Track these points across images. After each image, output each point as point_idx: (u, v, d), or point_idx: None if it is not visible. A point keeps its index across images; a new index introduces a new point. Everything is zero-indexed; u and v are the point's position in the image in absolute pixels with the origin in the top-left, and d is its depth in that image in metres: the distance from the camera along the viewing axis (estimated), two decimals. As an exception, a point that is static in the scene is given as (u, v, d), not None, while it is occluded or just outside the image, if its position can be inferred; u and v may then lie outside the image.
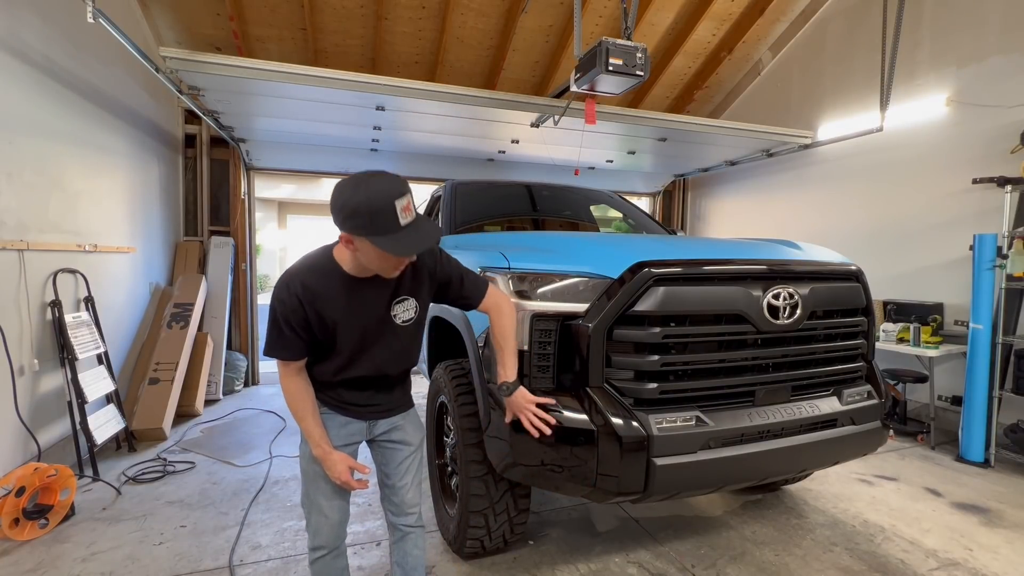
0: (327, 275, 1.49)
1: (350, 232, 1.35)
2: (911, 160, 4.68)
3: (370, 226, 1.31)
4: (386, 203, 1.30)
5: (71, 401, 3.24)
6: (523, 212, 3.78)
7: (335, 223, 1.38)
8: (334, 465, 1.56)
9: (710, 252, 2.16)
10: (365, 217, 1.31)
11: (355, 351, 1.56)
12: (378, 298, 1.54)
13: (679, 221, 7.76)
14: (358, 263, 1.46)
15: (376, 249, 1.34)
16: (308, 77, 3.62)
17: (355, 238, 1.36)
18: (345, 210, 1.33)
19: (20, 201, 3.03)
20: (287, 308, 1.45)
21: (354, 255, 1.44)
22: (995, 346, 3.66)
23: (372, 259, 1.40)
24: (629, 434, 1.79)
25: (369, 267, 1.44)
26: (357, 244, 1.38)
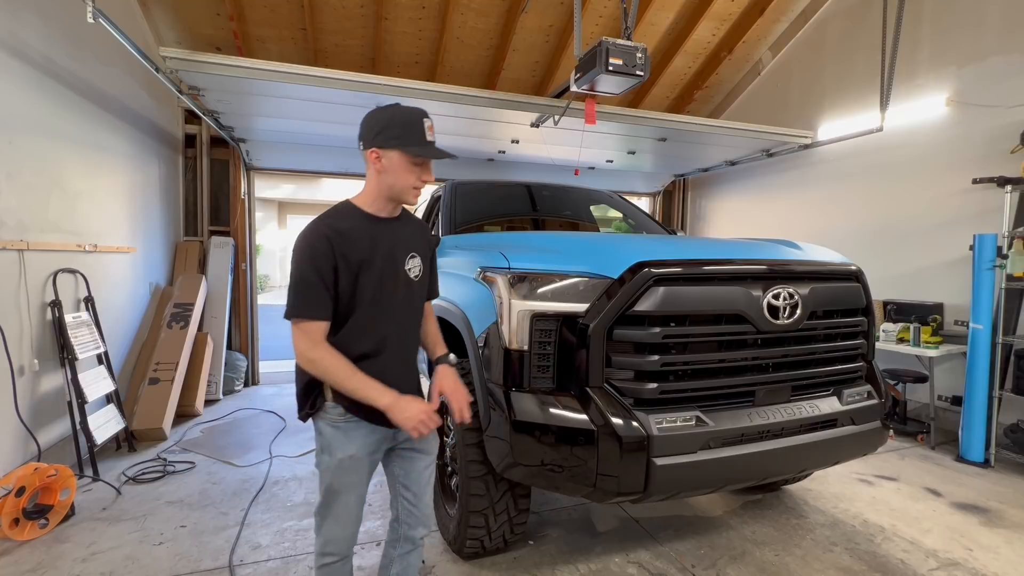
0: (349, 216, 1.51)
1: (381, 145, 1.45)
2: (911, 160, 4.68)
3: (402, 136, 1.45)
4: (417, 118, 1.48)
5: (71, 401, 3.24)
6: (523, 212, 3.78)
7: (365, 143, 1.48)
8: (407, 408, 1.42)
9: (710, 252, 2.16)
10: (398, 128, 1.45)
11: (375, 304, 1.49)
12: (394, 246, 1.54)
13: (679, 221, 7.76)
14: (379, 193, 1.51)
15: (405, 161, 1.45)
16: (308, 77, 3.62)
17: (385, 152, 1.45)
18: (379, 124, 1.46)
19: (20, 201, 3.03)
20: (317, 253, 1.40)
21: (378, 177, 1.49)
22: (995, 346, 3.66)
23: (399, 174, 1.47)
24: (629, 434, 1.79)
25: (393, 186, 1.49)
26: (385, 161, 1.46)
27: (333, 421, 1.51)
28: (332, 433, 1.51)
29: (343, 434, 1.51)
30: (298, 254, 1.42)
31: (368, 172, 1.52)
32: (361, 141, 1.50)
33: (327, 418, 1.51)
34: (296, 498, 3.05)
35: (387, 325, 1.53)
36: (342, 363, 1.41)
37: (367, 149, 1.48)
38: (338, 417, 1.51)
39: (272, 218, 20.29)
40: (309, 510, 2.90)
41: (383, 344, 1.53)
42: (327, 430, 1.52)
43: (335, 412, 1.50)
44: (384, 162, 1.47)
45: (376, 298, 1.50)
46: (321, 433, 1.53)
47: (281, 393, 5.48)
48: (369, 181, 1.53)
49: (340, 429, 1.51)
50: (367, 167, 1.52)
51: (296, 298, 1.40)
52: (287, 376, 6.32)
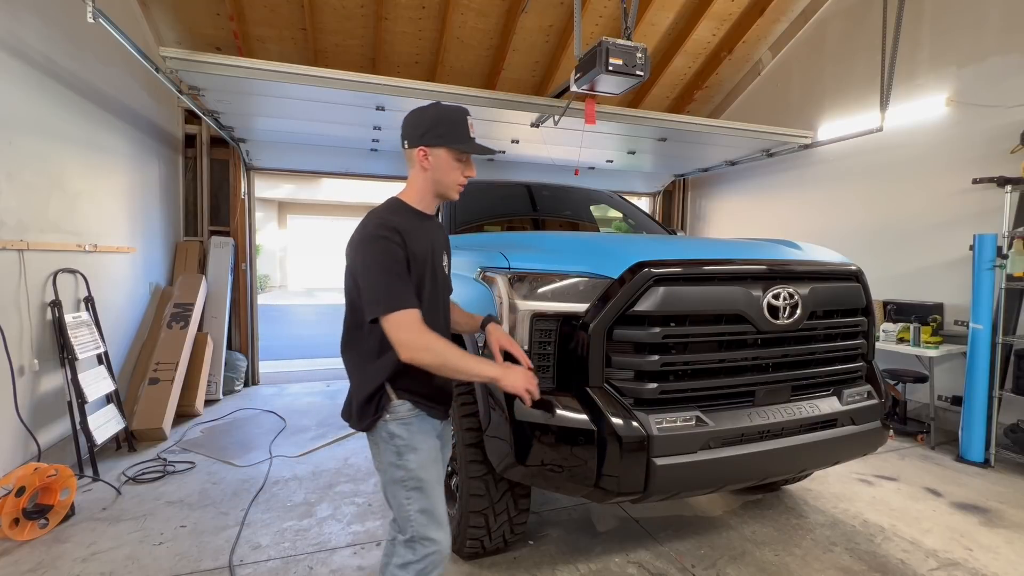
0: (404, 212, 1.53)
1: (429, 143, 1.49)
2: (911, 160, 4.68)
3: (448, 134, 1.49)
4: (461, 117, 1.53)
5: (71, 401, 3.24)
6: (523, 212, 3.78)
7: (411, 142, 1.51)
8: (516, 375, 1.45)
9: (710, 252, 2.16)
10: (445, 126, 1.50)
11: (430, 300, 1.51)
12: (435, 243, 1.57)
13: (679, 221, 7.76)
14: (426, 191, 1.54)
15: (451, 158, 1.50)
16: (308, 77, 3.62)
17: (432, 150, 1.49)
18: (425, 123, 1.50)
19: (20, 201, 3.03)
20: (392, 245, 1.39)
21: (425, 175, 1.52)
22: (995, 346, 3.66)
23: (445, 171, 1.51)
24: (629, 434, 1.79)
25: (440, 183, 1.53)
26: (432, 158, 1.50)
27: (404, 419, 1.48)
28: (407, 430, 1.48)
29: (418, 428, 1.50)
30: (371, 250, 1.40)
31: (413, 170, 1.55)
32: (405, 140, 1.53)
33: (397, 418, 1.48)
34: (296, 498, 3.05)
35: (438, 321, 1.54)
36: (451, 343, 1.41)
37: (414, 148, 1.51)
38: (407, 413, 1.48)
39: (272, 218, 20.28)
40: (309, 510, 2.90)
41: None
42: (400, 430, 1.48)
43: (403, 409, 1.48)
44: (431, 160, 1.50)
45: (431, 294, 1.52)
46: (395, 435, 1.48)
47: (281, 393, 5.48)
48: (415, 179, 1.55)
49: (413, 424, 1.49)
50: (411, 166, 1.55)
51: (386, 292, 1.37)
52: (287, 376, 6.32)
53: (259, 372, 6.04)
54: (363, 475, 3.38)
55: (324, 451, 3.81)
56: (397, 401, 1.47)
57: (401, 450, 1.48)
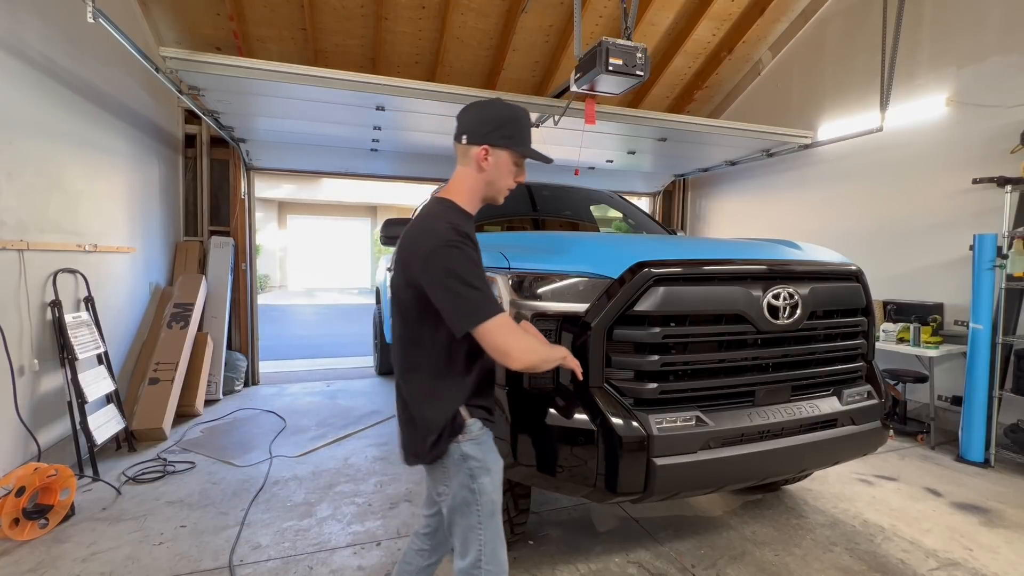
0: (459, 215, 1.42)
1: (495, 143, 1.40)
2: (911, 160, 4.68)
3: (516, 136, 1.43)
4: (527, 119, 1.47)
5: (71, 401, 3.24)
6: (523, 212, 3.78)
7: (474, 138, 1.41)
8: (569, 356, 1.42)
9: (710, 252, 2.16)
10: (512, 127, 1.42)
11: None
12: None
13: (679, 221, 7.76)
14: (476, 192, 1.46)
15: (511, 161, 1.44)
16: (308, 77, 3.62)
17: (495, 151, 1.41)
18: (493, 121, 1.41)
19: (20, 201, 3.03)
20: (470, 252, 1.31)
21: (479, 175, 1.43)
22: (995, 346, 3.66)
23: (502, 174, 1.44)
24: (629, 434, 1.79)
25: (493, 185, 1.45)
26: (494, 159, 1.41)
27: (476, 438, 1.40)
28: (480, 450, 1.40)
29: (489, 446, 1.43)
30: (451, 259, 1.28)
31: (466, 169, 1.44)
32: (465, 135, 1.42)
33: (470, 438, 1.39)
34: (296, 498, 3.05)
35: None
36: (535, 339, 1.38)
37: (477, 145, 1.41)
38: (479, 432, 1.40)
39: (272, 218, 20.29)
40: (309, 510, 2.90)
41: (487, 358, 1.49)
42: (474, 450, 1.39)
43: (476, 428, 1.40)
44: (491, 160, 1.41)
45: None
46: (470, 456, 1.38)
47: (281, 393, 5.48)
48: (466, 178, 1.45)
49: (484, 443, 1.42)
50: (464, 163, 1.44)
51: (480, 301, 1.27)
52: (287, 376, 6.32)
53: (259, 372, 6.04)
54: (363, 475, 3.38)
55: (324, 451, 3.81)
56: (470, 420, 1.39)
57: (475, 472, 1.38)
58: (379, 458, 3.67)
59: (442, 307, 1.29)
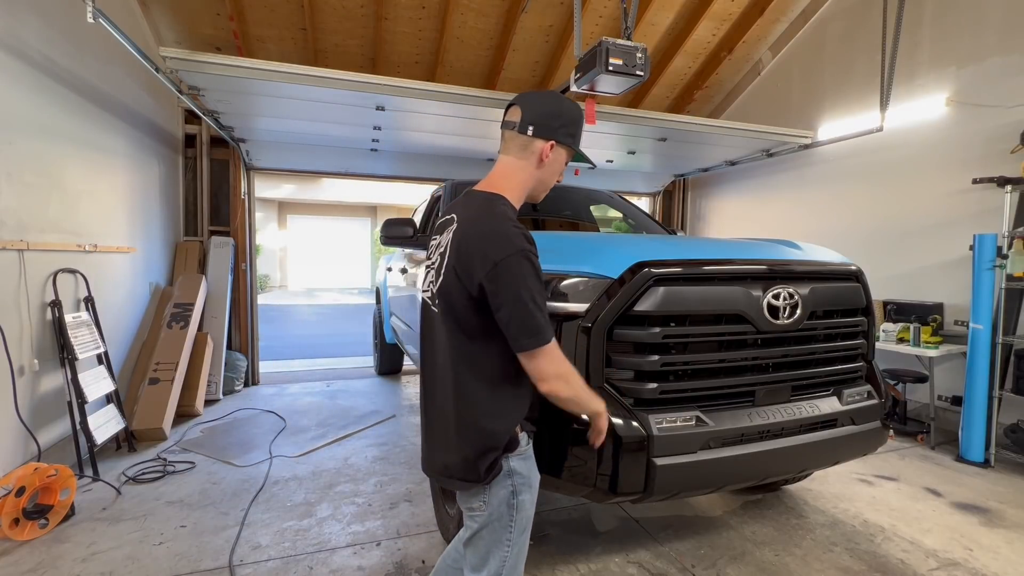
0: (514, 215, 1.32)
1: (560, 139, 1.35)
2: (911, 160, 4.68)
3: (577, 136, 1.40)
4: (583, 119, 1.43)
5: (71, 401, 3.24)
6: (523, 212, 3.77)
7: (543, 131, 1.33)
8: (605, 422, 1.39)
9: (710, 252, 2.16)
10: (577, 126, 1.39)
11: None
12: None
13: (679, 221, 7.76)
14: (526, 187, 1.38)
15: (566, 160, 1.41)
16: (308, 77, 3.62)
17: (557, 147, 1.36)
18: (561, 116, 1.36)
19: (20, 201, 3.04)
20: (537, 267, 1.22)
21: (534, 171, 1.37)
22: (995, 346, 3.66)
23: (555, 172, 1.41)
24: (629, 434, 1.79)
25: (543, 182, 1.40)
26: (553, 156, 1.36)
27: (523, 453, 1.36)
28: (526, 465, 1.36)
29: (532, 461, 1.40)
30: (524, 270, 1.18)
31: (522, 162, 1.35)
32: (533, 127, 1.32)
33: (519, 453, 1.34)
34: (296, 498, 3.05)
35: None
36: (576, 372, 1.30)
37: (545, 139, 1.33)
38: (525, 446, 1.37)
39: (272, 218, 20.29)
40: (309, 510, 2.90)
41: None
42: (521, 466, 1.35)
43: (523, 442, 1.36)
44: (553, 156, 1.36)
45: None
46: (516, 472, 1.33)
47: (281, 393, 5.48)
48: (519, 171, 1.35)
49: (529, 458, 1.38)
50: (522, 155, 1.35)
51: (544, 321, 1.21)
52: (287, 376, 6.32)
53: (259, 372, 6.04)
54: (363, 475, 3.38)
55: (324, 451, 3.81)
56: (521, 434, 1.35)
57: (519, 488, 1.34)
58: (379, 458, 3.67)
59: (507, 320, 1.20)
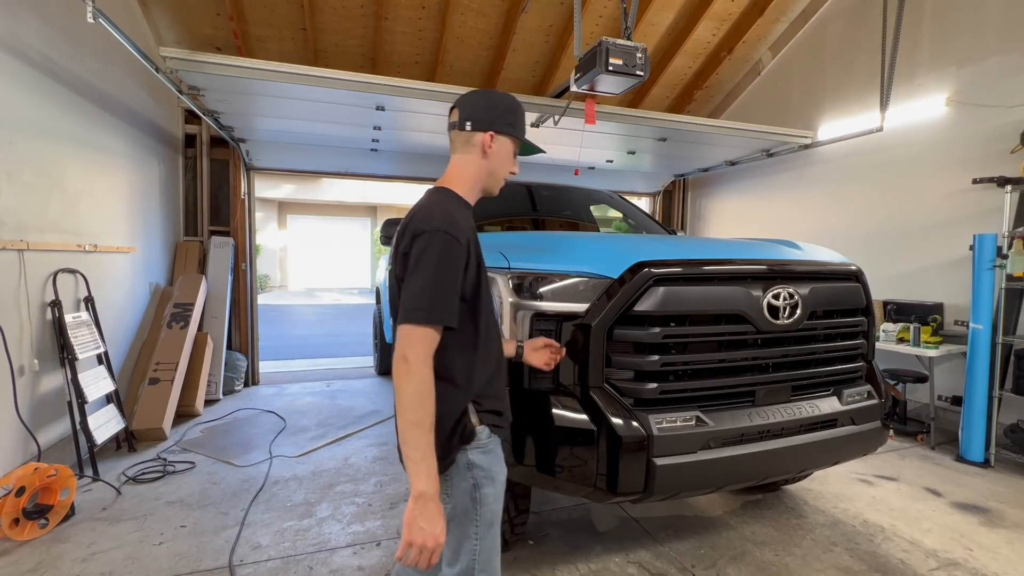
0: (462, 205, 1.37)
1: (500, 129, 1.40)
2: (911, 160, 4.68)
3: (516, 124, 1.44)
4: (523, 109, 1.48)
5: (71, 401, 3.24)
6: (523, 212, 3.78)
7: (480, 124, 1.39)
8: (439, 522, 1.14)
9: (710, 252, 2.17)
10: (513, 115, 1.43)
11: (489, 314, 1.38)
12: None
13: (679, 221, 7.76)
14: (477, 180, 1.42)
15: (512, 149, 1.44)
16: (308, 77, 3.62)
17: (499, 137, 1.41)
18: (496, 108, 1.41)
19: (20, 201, 3.03)
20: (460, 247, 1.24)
21: (481, 162, 1.41)
22: (995, 346, 3.66)
23: (503, 162, 1.43)
24: (629, 434, 1.79)
25: (494, 173, 1.43)
26: (497, 146, 1.40)
27: (484, 446, 1.32)
28: (487, 459, 1.33)
29: (495, 455, 1.35)
30: (438, 247, 1.21)
31: (468, 156, 1.41)
32: (470, 121, 1.39)
33: (478, 446, 1.31)
34: (296, 498, 3.05)
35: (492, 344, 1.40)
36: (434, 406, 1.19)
37: (483, 131, 1.38)
38: (487, 440, 1.33)
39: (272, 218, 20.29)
40: (309, 510, 2.90)
41: (500, 356, 1.44)
42: (481, 459, 1.32)
43: (483, 435, 1.32)
44: (496, 147, 1.40)
45: (489, 297, 1.39)
46: (475, 465, 1.31)
47: (281, 393, 5.48)
48: (468, 165, 1.41)
49: (492, 452, 1.34)
50: (467, 150, 1.41)
51: (434, 298, 1.19)
52: (287, 376, 6.32)
53: (259, 372, 6.04)
54: (363, 475, 3.38)
55: (324, 451, 3.81)
56: (479, 427, 1.32)
57: (480, 482, 1.31)
58: (379, 458, 3.67)
59: (404, 291, 1.22)
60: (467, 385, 1.31)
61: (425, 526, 1.11)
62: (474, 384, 1.32)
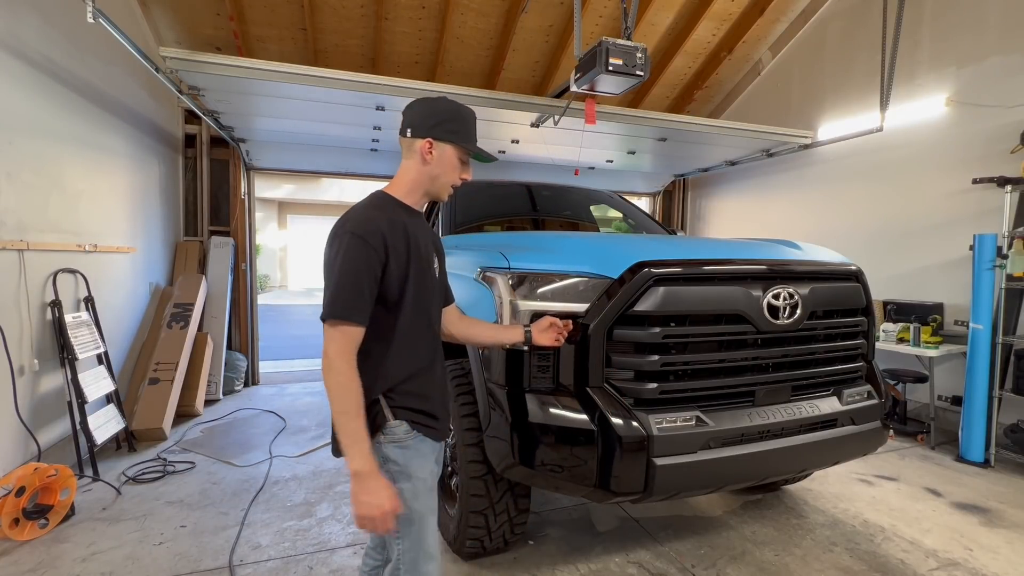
0: (391, 206, 1.40)
1: (438, 136, 1.41)
2: (911, 160, 4.68)
3: (460, 132, 1.43)
4: (472, 117, 1.47)
5: (71, 401, 3.24)
6: (523, 212, 3.78)
7: (417, 131, 1.41)
8: (381, 492, 1.22)
9: (710, 252, 2.16)
10: (457, 122, 1.43)
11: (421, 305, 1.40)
12: (426, 242, 1.44)
13: (679, 221, 7.76)
14: (417, 185, 1.44)
15: (455, 156, 1.43)
16: (308, 77, 3.62)
17: (439, 144, 1.41)
18: (437, 115, 1.42)
19: (20, 201, 3.03)
20: (370, 249, 1.27)
21: (422, 168, 1.43)
22: (995, 346, 3.66)
23: (446, 170, 1.44)
24: (629, 434, 1.79)
25: (437, 180, 1.44)
26: (437, 153, 1.41)
27: (400, 441, 1.34)
28: (403, 454, 1.35)
29: (416, 452, 1.36)
30: (344, 247, 1.27)
31: (410, 161, 1.44)
32: (409, 128, 1.42)
33: (392, 439, 1.34)
34: (296, 498, 3.05)
35: (431, 329, 1.46)
36: (358, 392, 1.25)
37: (420, 138, 1.40)
38: (404, 436, 1.35)
39: (272, 218, 20.29)
40: (309, 510, 2.90)
41: (434, 352, 1.47)
42: (396, 453, 1.34)
43: (400, 431, 1.34)
44: (435, 153, 1.41)
45: (421, 298, 1.40)
46: (389, 459, 1.34)
47: (281, 393, 5.48)
48: (408, 171, 1.44)
49: (410, 448, 1.35)
50: (408, 156, 1.45)
51: (342, 297, 1.26)
52: (287, 376, 6.32)
53: (259, 372, 6.04)
54: (363, 475, 3.38)
55: (324, 451, 3.81)
56: (394, 421, 1.34)
57: (394, 476, 1.33)
58: (379, 458, 3.67)
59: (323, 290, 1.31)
60: (376, 375, 1.34)
61: (366, 499, 1.21)
62: (388, 376, 1.35)
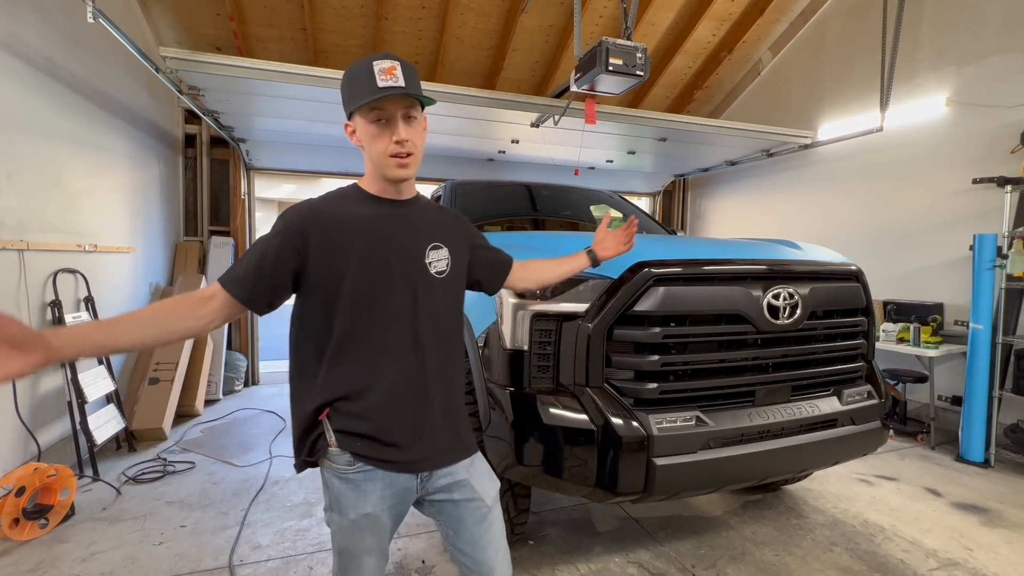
0: (345, 197, 1.28)
1: (348, 116, 1.26)
2: (911, 160, 4.68)
3: (354, 95, 1.20)
4: (365, 68, 1.17)
5: (71, 401, 3.24)
6: (523, 212, 3.78)
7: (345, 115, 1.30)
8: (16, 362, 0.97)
9: (710, 252, 2.16)
10: (349, 89, 1.22)
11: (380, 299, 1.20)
12: (408, 236, 1.27)
13: (679, 221, 7.76)
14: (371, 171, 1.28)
15: (367, 123, 1.20)
16: (308, 77, 3.62)
17: (351, 123, 1.26)
18: (345, 93, 1.25)
19: (20, 201, 3.03)
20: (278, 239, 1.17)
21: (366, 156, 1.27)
22: (995, 346, 3.66)
23: (370, 144, 1.22)
24: (629, 434, 1.79)
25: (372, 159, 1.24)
26: (359, 131, 1.24)
27: (341, 472, 1.20)
28: (341, 487, 1.20)
29: (354, 488, 1.20)
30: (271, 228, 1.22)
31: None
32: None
33: (332, 468, 1.21)
34: (296, 498, 3.05)
35: (403, 329, 1.22)
36: (142, 318, 1.08)
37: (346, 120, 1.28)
38: (346, 467, 1.19)
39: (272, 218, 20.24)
40: (309, 510, 2.90)
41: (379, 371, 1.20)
42: (334, 483, 1.21)
43: (341, 460, 1.19)
44: (358, 132, 1.24)
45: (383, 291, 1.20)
46: (328, 486, 1.23)
47: (281, 393, 5.47)
48: (365, 160, 1.30)
49: (350, 482, 1.20)
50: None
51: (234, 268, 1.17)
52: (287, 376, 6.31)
53: (259, 372, 6.04)
54: (363, 475, 3.38)
55: (324, 451, 3.81)
56: (335, 450, 1.19)
57: (330, 503, 1.24)
58: (379, 458, 3.67)
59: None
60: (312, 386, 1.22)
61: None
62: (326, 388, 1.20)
